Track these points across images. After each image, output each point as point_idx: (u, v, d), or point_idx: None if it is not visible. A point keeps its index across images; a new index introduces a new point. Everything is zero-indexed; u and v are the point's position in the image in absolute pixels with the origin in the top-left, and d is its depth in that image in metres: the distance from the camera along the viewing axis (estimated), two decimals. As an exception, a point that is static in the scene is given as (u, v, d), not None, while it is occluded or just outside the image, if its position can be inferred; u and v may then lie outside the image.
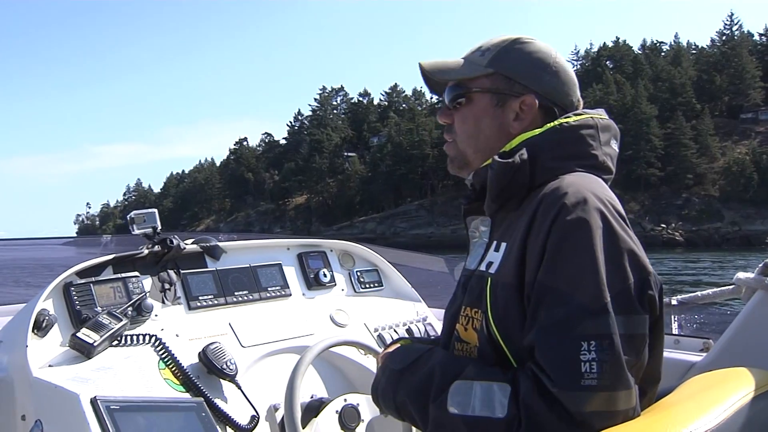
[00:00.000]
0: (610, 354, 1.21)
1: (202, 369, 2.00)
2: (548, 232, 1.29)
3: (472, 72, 1.53)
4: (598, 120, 1.47)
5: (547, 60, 1.51)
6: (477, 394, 1.29)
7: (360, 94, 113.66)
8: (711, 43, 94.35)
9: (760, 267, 2.02)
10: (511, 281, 1.34)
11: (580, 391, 1.19)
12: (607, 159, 1.47)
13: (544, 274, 1.28)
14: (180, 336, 2.09)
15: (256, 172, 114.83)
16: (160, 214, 2.31)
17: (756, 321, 2.01)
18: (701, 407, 1.27)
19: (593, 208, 1.29)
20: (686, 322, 2.58)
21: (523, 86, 1.49)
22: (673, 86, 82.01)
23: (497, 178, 1.42)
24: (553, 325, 1.24)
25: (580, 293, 1.23)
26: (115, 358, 1.91)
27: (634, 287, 1.27)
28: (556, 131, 1.44)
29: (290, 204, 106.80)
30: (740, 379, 1.40)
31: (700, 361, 2.14)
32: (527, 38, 1.53)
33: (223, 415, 1.93)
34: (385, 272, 2.84)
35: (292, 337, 2.29)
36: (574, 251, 1.26)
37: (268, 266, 2.52)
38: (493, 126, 1.51)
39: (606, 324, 1.22)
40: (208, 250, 2.40)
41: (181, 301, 2.25)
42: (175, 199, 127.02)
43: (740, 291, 2.13)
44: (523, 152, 1.41)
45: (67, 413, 1.69)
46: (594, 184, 1.37)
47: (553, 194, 1.33)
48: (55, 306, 1.99)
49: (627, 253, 1.28)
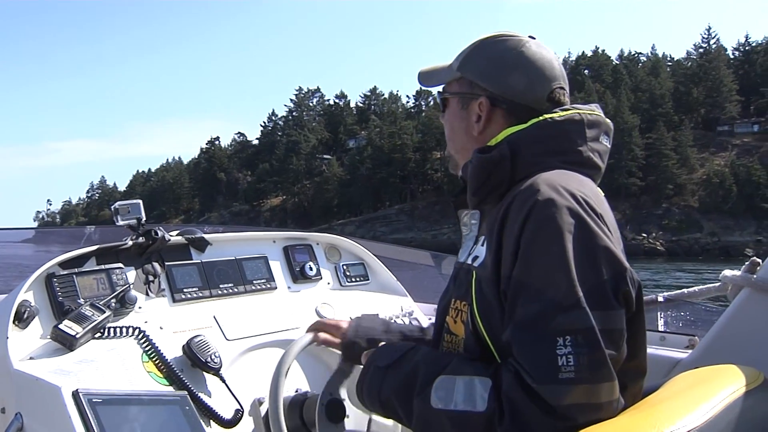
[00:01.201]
0: (587, 347, 1.22)
1: (186, 362, 1.98)
2: (521, 229, 1.30)
3: (447, 77, 1.60)
4: (586, 115, 1.48)
5: (504, 58, 1.52)
6: (459, 389, 1.30)
7: (337, 96, 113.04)
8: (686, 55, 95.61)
9: (746, 264, 2.03)
10: (490, 276, 1.36)
11: (558, 385, 1.21)
12: (593, 155, 1.47)
13: (518, 270, 1.30)
14: (164, 329, 2.07)
15: (228, 173, 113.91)
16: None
17: (742, 318, 2.02)
18: (688, 404, 1.27)
19: (564, 206, 1.30)
20: (672, 319, 2.59)
21: (482, 88, 1.52)
22: (653, 97, 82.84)
23: (476, 173, 1.45)
24: (527, 321, 1.26)
25: (552, 289, 1.25)
26: (98, 350, 1.88)
27: (609, 283, 1.28)
28: (539, 127, 1.45)
29: (265, 205, 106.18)
30: (727, 376, 1.40)
31: (685, 358, 2.15)
32: (496, 36, 1.56)
33: (207, 409, 1.91)
34: (372, 266, 2.83)
35: (278, 330, 2.28)
36: (546, 248, 1.28)
37: (253, 259, 2.50)
38: (462, 128, 1.57)
39: (579, 319, 1.23)
40: (193, 242, 2.38)
41: (165, 294, 2.22)
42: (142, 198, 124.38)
43: (726, 288, 2.14)
44: (503, 147, 1.43)
45: (49, 406, 1.66)
46: (570, 181, 1.37)
47: (526, 191, 1.35)
48: (37, 297, 1.96)
49: (600, 250, 1.29)
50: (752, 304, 1.99)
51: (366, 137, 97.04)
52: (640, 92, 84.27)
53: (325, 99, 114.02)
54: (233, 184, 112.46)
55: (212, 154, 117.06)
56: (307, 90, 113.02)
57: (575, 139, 1.45)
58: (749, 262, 2.03)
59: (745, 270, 2.02)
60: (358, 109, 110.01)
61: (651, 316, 2.63)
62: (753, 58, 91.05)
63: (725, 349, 2.01)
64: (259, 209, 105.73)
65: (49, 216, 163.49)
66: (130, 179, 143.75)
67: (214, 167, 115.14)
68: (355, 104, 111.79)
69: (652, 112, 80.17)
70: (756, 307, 1.98)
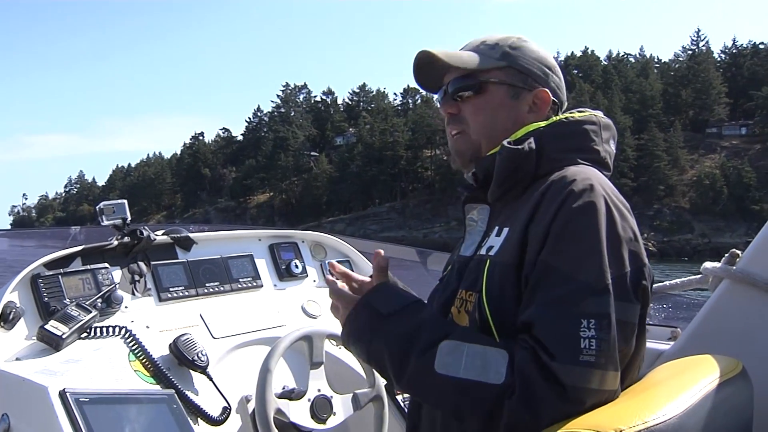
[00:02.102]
0: (608, 333, 1.24)
1: (173, 361, 1.99)
2: (554, 216, 1.32)
3: (486, 64, 1.55)
4: (600, 118, 1.54)
5: (550, 60, 1.60)
6: (469, 358, 1.29)
7: (324, 93, 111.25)
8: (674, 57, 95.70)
9: (726, 257, 2.05)
10: (509, 261, 1.37)
11: (578, 366, 1.22)
12: (607, 156, 1.52)
13: (548, 254, 1.31)
14: (150, 328, 2.08)
15: (212, 168, 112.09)
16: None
17: (722, 309, 2.04)
18: (669, 394, 1.28)
19: (599, 195, 1.34)
20: (655, 311, 2.61)
21: (534, 81, 1.55)
22: (644, 98, 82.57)
23: (505, 164, 1.46)
24: (554, 301, 1.27)
25: (584, 273, 1.27)
26: (85, 350, 1.88)
27: (630, 276, 1.31)
28: (563, 124, 1.50)
29: (252, 202, 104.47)
30: (706, 366, 1.42)
31: (668, 350, 2.17)
32: (526, 38, 1.60)
33: (195, 407, 1.92)
34: (357, 263, 2.84)
35: (264, 328, 2.29)
36: (580, 233, 1.30)
37: (239, 257, 2.50)
38: (510, 117, 1.54)
39: (606, 304, 1.25)
40: (179, 241, 2.38)
41: (151, 293, 2.23)
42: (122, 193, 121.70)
43: (707, 280, 2.15)
44: (531, 141, 1.46)
45: (36, 406, 1.66)
46: (598, 175, 1.42)
47: (561, 181, 1.37)
48: (22, 298, 1.96)
49: (626, 242, 1.33)
50: (732, 295, 2.01)
51: (356, 134, 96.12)
52: (630, 93, 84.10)
53: (312, 95, 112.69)
54: (217, 180, 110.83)
55: (196, 150, 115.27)
56: (294, 86, 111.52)
57: (594, 138, 1.50)
58: (729, 254, 2.04)
59: (725, 262, 2.04)
60: (347, 106, 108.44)
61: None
62: (740, 61, 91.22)
63: (706, 340, 2.03)
64: (246, 206, 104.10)
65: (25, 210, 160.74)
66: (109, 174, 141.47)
67: (198, 163, 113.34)
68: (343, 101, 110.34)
69: (643, 113, 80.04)
70: (735, 298, 2.00)
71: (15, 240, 3.93)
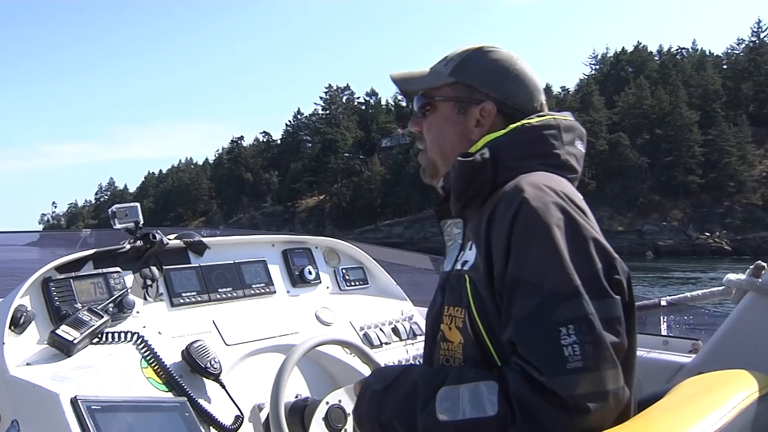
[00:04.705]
0: (590, 335, 1.23)
1: (186, 368, 1.96)
2: (511, 227, 1.32)
3: (436, 81, 1.60)
4: (561, 121, 1.53)
5: (506, 67, 1.57)
6: (465, 397, 1.29)
7: (367, 93, 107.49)
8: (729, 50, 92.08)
9: (751, 268, 2.02)
10: (482, 276, 1.38)
11: (567, 375, 1.21)
12: (570, 158, 1.52)
13: (512, 267, 1.31)
14: (162, 333, 2.04)
15: (255, 173, 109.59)
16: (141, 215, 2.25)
17: (746, 323, 2.00)
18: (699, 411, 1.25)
19: (551, 202, 1.34)
20: (675, 323, 2.59)
21: (483, 93, 1.55)
22: (706, 92, 79.95)
23: (459, 177, 1.47)
24: (528, 316, 1.26)
25: (550, 281, 1.26)
26: (96, 356, 1.85)
27: (603, 272, 1.30)
28: (518, 132, 1.49)
29: (300, 206, 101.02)
30: (738, 381, 1.39)
31: (689, 363, 2.13)
32: (489, 47, 1.60)
33: (207, 415, 1.88)
34: (371, 270, 2.81)
35: (277, 335, 2.25)
36: (538, 242, 1.30)
37: (252, 263, 2.47)
38: (456, 132, 1.57)
39: (580, 306, 1.24)
40: (192, 246, 2.35)
41: (163, 298, 2.20)
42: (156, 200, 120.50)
43: (730, 292, 2.12)
44: (484, 151, 1.47)
45: (46, 413, 1.63)
46: (551, 181, 1.41)
47: (511, 191, 1.37)
48: (33, 302, 1.93)
49: (591, 241, 1.32)
50: (757, 308, 1.98)
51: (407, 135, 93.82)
52: (691, 88, 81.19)
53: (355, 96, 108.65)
54: (258, 185, 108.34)
55: (237, 154, 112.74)
56: (337, 87, 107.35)
57: (552, 143, 1.49)
58: (754, 265, 2.01)
59: (749, 274, 2.00)
60: (396, 107, 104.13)
61: (654, 320, 2.62)
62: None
63: (729, 354, 1.99)
64: (294, 210, 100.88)
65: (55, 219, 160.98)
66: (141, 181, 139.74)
67: (240, 167, 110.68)
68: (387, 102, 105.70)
69: (706, 108, 77.13)
70: (761, 311, 1.97)
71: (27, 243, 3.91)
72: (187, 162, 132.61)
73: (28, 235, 4.41)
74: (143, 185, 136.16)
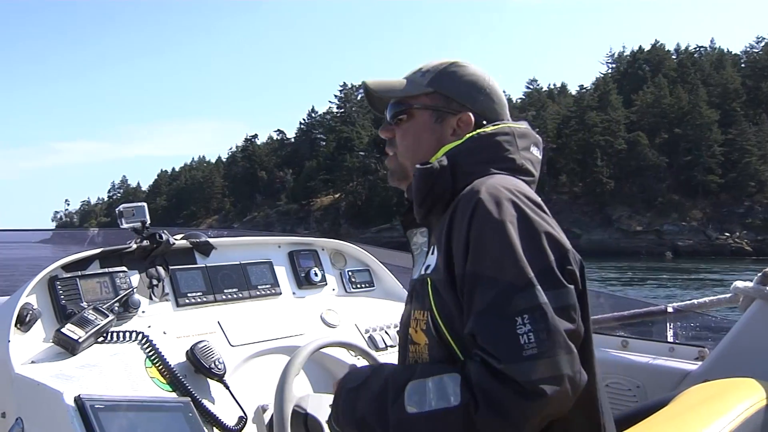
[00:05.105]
0: (544, 323, 1.28)
1: (190, 368, 1.96)
2: (468, 226, 1.38)
3: (413, 90, 1.66)
4: (515, 128, 1.60)
5: (481, 82, 1.66)
6: (431, 389, 1.35)
7: None
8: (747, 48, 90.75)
9: (758, 276, 2.01)
10: (444, 278, 1.43)
11: (524, 362, 1.26)
12: (526, 163, 1.58)
13: (471, 264, 1.37)
14: (167, 333, 2.05)
15: (269, 171, 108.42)
16: (154, 213, 2.26)
17: (753, 330, 1.99)
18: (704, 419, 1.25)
19: (505, 199, 1.40)
20: (681, 329, 2.57)
21: (460, 105, 1.63)
22: (725, 91, 78.83)
23: (419, 184, 1.54)
24: (486, 308, 1.32)
25: (505, 274, 1.32)
26: (101, 355, 1.86)
27: (556, 264, 1.36)
28: (474, 139, 1.57)
29: (315, 204, 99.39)
30: (744, 389, 1.38)
31: (695, 370, 2.12)
32: (463, 62, 1.68)
33: (211, 416, 1.88)
34: (377, 272, 2.81)
35: (282, 336, 2.25)
36: (493, 238, 1.36)
37: (258, 264, 2.48)
38: (432, 140, 1.63)
39: (533, 296, 1.30)
40: (198, 246, 2.36)
41: (169, 298, 2.20)
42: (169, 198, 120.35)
43: (737, 299, 2.11)
44: (442, 159, 1.54)
45: (50, 412, 1.64)
46: (506, 181, 1.47)
47: (468, 194, 1.44)
48: (39, 300, 1.94)
49: (544, 234, 1.38)
50: (764, 316, 1.96)
51: None
52: (711, 87, 79.80)
53: None
54: (272, 183, 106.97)
55: (252, 152, 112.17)
56: (351, 86, 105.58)
57: (507, 148, 1.56)
58: (762, 273, 2.00)
59: (757, 281, 1.99)
60: None
61: (660, 326, 2.60)
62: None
63: (736, 362, 1.98)
64: (309, 208, 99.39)
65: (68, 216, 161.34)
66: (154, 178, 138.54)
67: (254, 165, 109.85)
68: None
69: (726, 107, 76.14)
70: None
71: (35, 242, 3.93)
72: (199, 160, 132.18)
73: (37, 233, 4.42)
74: (156, 183, 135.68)
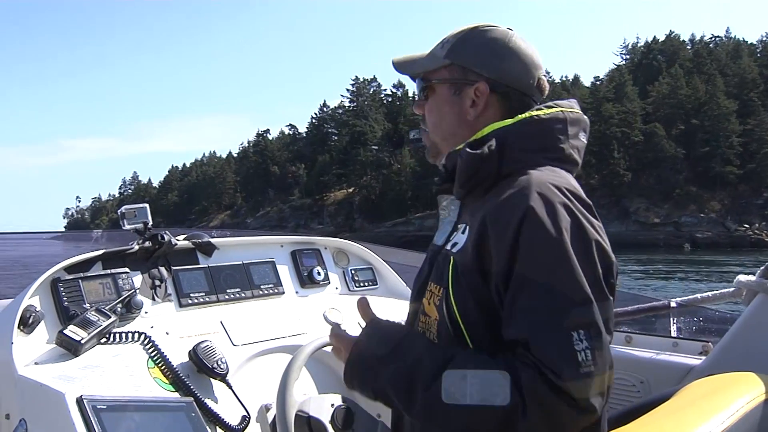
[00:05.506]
0: (598, 340, 1.27)
1: (193, 368, 1.96)
2: (518, 227, 1.33)
3: (433, 64, 1.61)
4: (568, 113, 1.52)
5: (501, 45, 1.56)
6: (473, 383, 1.31)
7: (394, 85, 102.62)
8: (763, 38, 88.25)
9: (761, 269, 2.00)
10: (470, 264, 1.40)
11: (581, 379, 1.24)
12: (573, 152, 1.53)
13: (521, 266, 1.32)
14: (170, 334, 2.05)
15: (281, 165, 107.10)
16: (165, 209, 2.27)
17: (757, 324, 1.98)
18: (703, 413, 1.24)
19: (559, 203, 1.35)
20: (685, 324, 2.56)
21: (477, 74, 1.55)
22: (743, 81, 77.42)
23: (465, 167, 1.48)
24: (540, 316, 1.29)
25: (560, 284, 1.29)
26: (103, 356, 1.86)
27: (603, 275, 1.34)
28: (526, 123, 1.49)
29: (329, 199, 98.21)
30: (744, 384, 1.37)
31: (699, 365, 2.11)
32: (484, 26, 1.59)
33: (214, 416, 1.89)
34: (380, 271, 2.81)
35: (285, 336, 2.26)
36: (547, 244, 1.31)
37: (261, 263, 2.48)
38: (453, 114, 1.58)
39: (590, 312, 1.28)
40: (200, 247, 2.36)
41: (171, 298, 2.21)
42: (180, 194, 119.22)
43: (741, 294, 2.10)
44: (492, 143, 1.46)
45: (53, 413, 1.64)
46: (559, 178, 1.43)
47: (518, 191, 1.38)
48: (42, 302, 1.95)
49: (594, 243, 1.35)
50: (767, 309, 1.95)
51: None
52: (727, 77, 78.53)
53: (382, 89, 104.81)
54: (284, 178, 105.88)
55: (264, 147, 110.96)
56: (364, 79, 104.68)
57: (559, 137, 1.50)
58: (764, 267, 1.99)
59: (760, 275, 1.98)
60: None
61: (663, 321, 2.59)
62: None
63: (740, 356, 1.97)
64: (323, 203, 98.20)
65: (79, 213, 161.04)
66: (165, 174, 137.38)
67: (266, 160, 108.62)
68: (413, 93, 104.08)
69: (743, 97, 74.89)
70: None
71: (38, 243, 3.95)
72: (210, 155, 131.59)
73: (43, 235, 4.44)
74: (167, 179, 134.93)
